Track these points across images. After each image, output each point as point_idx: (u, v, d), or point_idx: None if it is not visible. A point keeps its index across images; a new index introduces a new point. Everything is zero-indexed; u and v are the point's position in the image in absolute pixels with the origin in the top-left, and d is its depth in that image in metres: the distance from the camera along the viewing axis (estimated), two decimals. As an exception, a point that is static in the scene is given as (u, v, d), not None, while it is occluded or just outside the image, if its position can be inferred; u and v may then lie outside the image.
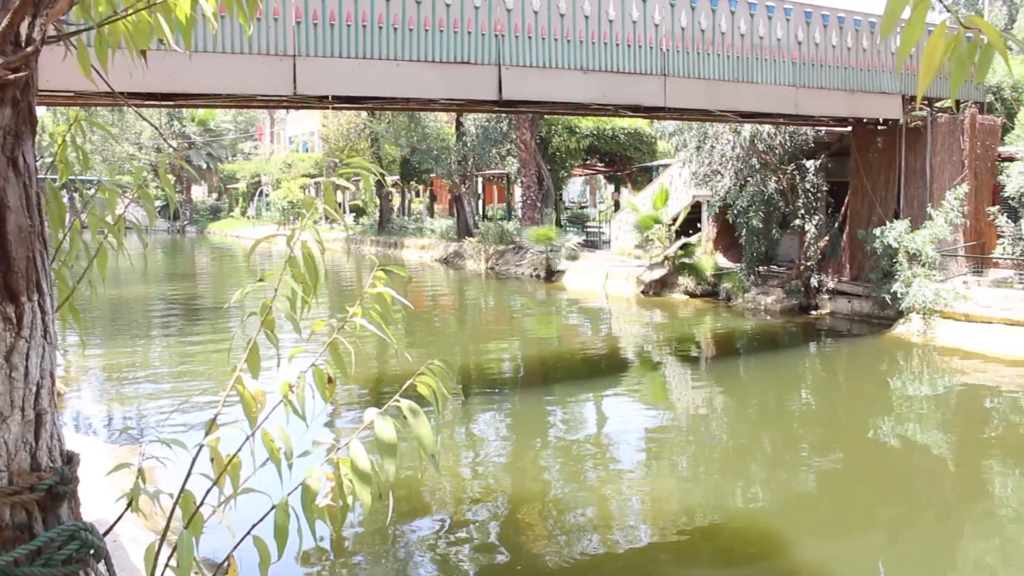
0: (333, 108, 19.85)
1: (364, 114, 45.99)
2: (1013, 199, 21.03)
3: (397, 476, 10.91)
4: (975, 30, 2.04)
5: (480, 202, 49.19)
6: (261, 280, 2.62)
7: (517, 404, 15.93)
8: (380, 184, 50.19)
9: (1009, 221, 21.06)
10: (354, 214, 60.64)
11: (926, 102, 22.25)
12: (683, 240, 27.58)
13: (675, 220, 28.64)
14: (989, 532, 10.22)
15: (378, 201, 53.86)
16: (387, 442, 2.21)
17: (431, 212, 54.69)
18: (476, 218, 43.39)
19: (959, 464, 12.78)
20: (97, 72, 2.59)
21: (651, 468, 12.22)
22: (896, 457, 13.01)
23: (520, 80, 15.99)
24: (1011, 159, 21.73)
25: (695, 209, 29.55)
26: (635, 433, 13.97)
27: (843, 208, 24.47)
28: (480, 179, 47.13)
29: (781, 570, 8.88)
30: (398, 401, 2.32)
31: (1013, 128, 23.04)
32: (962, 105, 23.06)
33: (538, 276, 33.50)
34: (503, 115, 36.58)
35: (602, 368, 19.12)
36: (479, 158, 41.10)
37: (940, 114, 22.52)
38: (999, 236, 21.28)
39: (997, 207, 21.68)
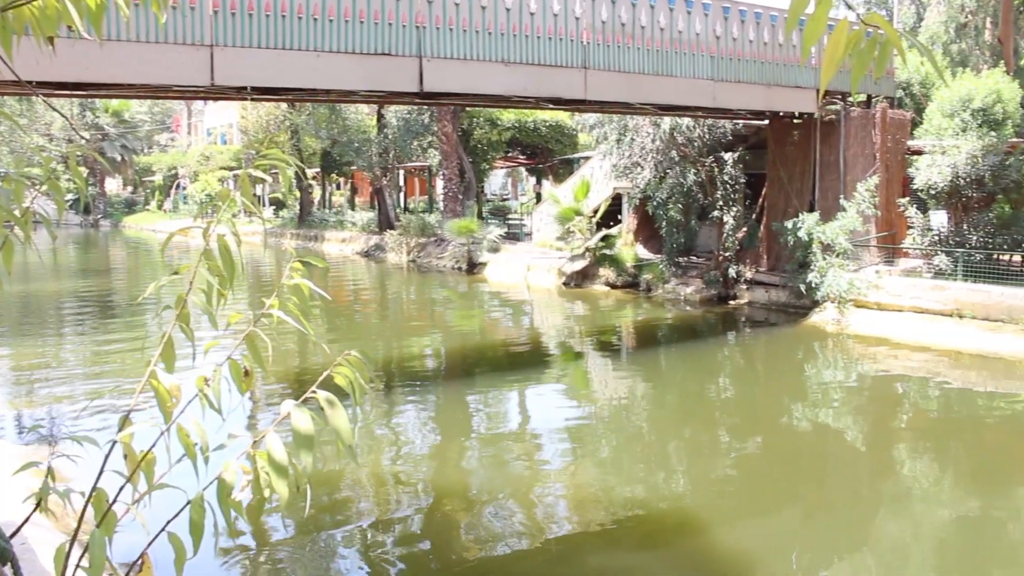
0: (252, 100, 19.59)
1: (284, 106, 45.38)
2: (922, 191, 21.65)
3: (322, 470, 10.87)
4: (875, 27, 2.10)
5: (402, 195, 48.95)
6: (176, 274, 2.58)
7: (440, 397, 15.92)
8: (300, 177, 49.72)
9: (918, 212, 21.68)
10: (274, 207, 59.85)
11: (839, 96, 22.78)
12: (604, 232, 27.82)
13: (596, 212, 28.87)
14: (900, 512, 10.53)
15: (298, 194, 53.19)
16: (304, 434, 2.19)
17: (352, 205, 54.22)
18: (397, 211, 43.15)
19: (871, 447, 13.16)
20: (1, 59, 2.52)
21: (574, 457, 12.33)
22: (811, 441, 13.34)
23: (441, 72, 15.94)
24: (919, 152, 22.34)
25: (616, 201, 29.83)
26: (558, 423, 14.07)
27: (760, 200, 24.95)
28: (402, 171, 46.89)
29: (702, 552, 9.06)
30: (315, 392, 2.31)
31: (922, 123, 23.68)
32: (873, 100, 23.66)
33: (460, 268, 33.48)
34: (425, 107, 36.45)
35: (525, 360, 19.20)
36: (400, 150, 40.88)
37: (853, 108, 23.07)
38: (909, 227, 21.89)
39: (907, 199, 22.30)
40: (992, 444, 13.15)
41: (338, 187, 60.47)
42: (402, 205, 46.84)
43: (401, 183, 48.41)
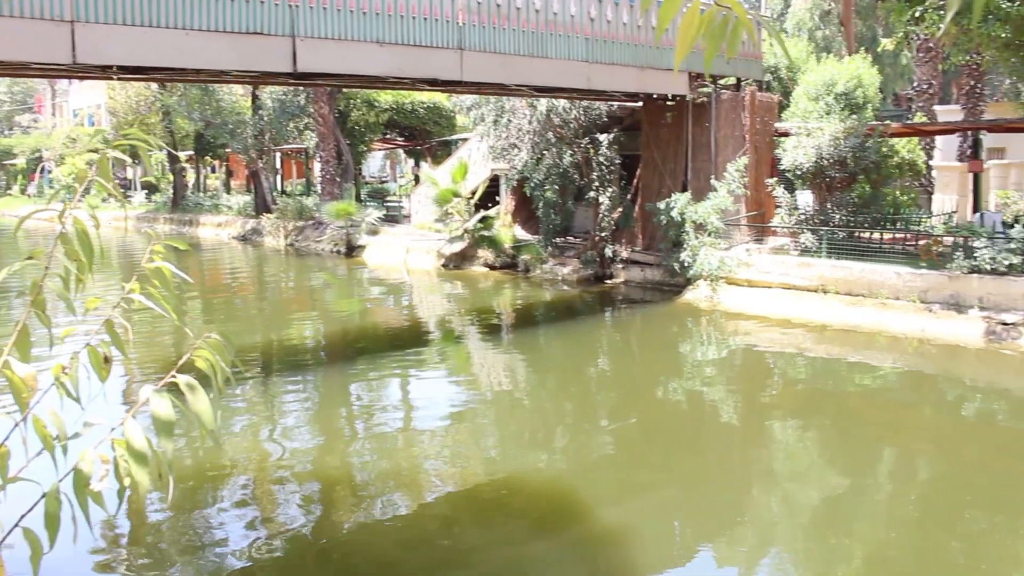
0: (118, 79, 18.89)
1: (155, 86, 43.84)
2: (789, 171, 22.37)
3: (198, 456, 10.63)
4: (727, 8, 2.17)
5: (278, 177, 47.94)
6: (30, 258, 2.49)
7: (321, 380, 15.77)
8: (173, 159, 48.23)
9: (786, 192, 22.40)
10: (146, 191, 57.93)
11: (710, 79, 23.30)
12: (482, 213, 27.88)
13: (474, 193, 28.89)
14: (773, 482, 10.95)
15: (171, 177, 51.60)
16: (163, 420, 2.14)
17: (228, 188, 52.88)
18: (274, 194, 42.31)
19: (744, 419, 13.61)
20: None
21: (455, 437, 12.38)
22: (687, 416, 13.71)
23: (315, 52, 15.67)
24: (786, 134, 23.06)
25: (494, 182, 29.91)
26: (439, 404, 14.10)
27: (635, 180, 25.37)
28: (278, 154, 45.94)
29: (582, 527, 9.23)
30: (175, 377, 2.26)
31: (789, 106, 24.44)
32: (743, 83, 24.29)
33: (339, 252, 33.10)
34: (300, 88, 35.79)
35: (405, 342, 19.15)
36: (276, 132, 40.07)
37: (723, 91, 23.65)
38: (777, 206, 22.59)
39: (775, 179, 23.01)
40: (856, 412, 13.75)
41: (213, 170, 58.86)
42: (279, 188, 45.93)
43: (278, 166, 47.41)
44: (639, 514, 9.61)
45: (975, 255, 17.37)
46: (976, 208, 22.08)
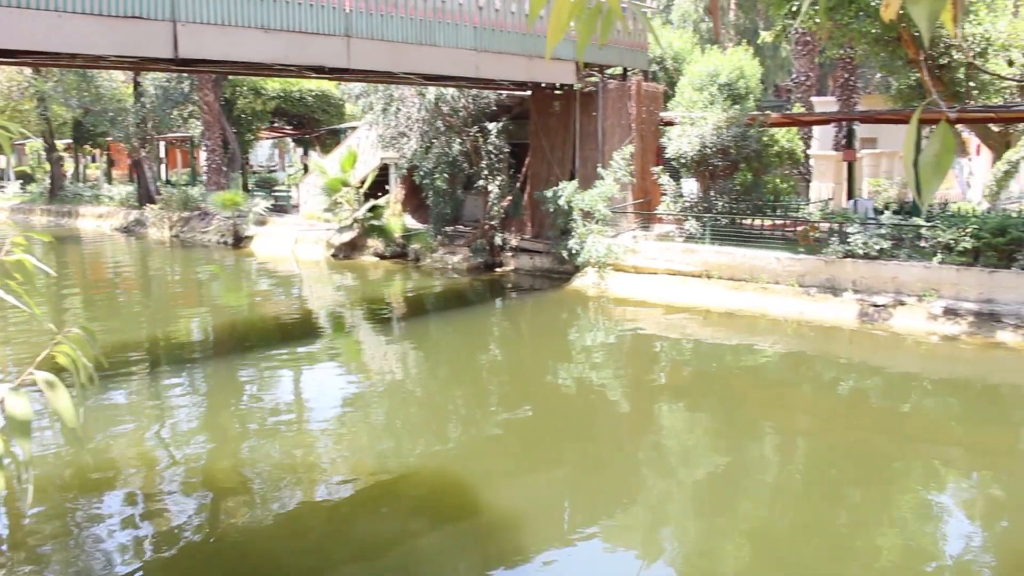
0: (-15, 64, 18.12)
1: (28, 70, 42.11)
2: (674, 160, 22.82)
3: (80, 457, 10.33)
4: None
5: (163, 167, 46.65)
6: None
7: (209, 376, 15.45)
8: (50, 147, 46.46)
9: (671, 180, 22.85)
10: (21, 181, 55.68)
11: (597, 69, 23.58)
12: (372, 202, 27.66)
13: (363, 182, 28.62)
14: (660, 462, 11.23)
15: (48, 167, 49.67)
16: (20, 420, 2.11)
17: (109, 178, 51.15)
18: (158, 184, 41.14)
19: (633, 402, 13.89)
20: None
21: (347, 430, 12.31)
22: (577, 401, 13.90)
23: (197, 38, 15.31)
24: (671, 123, 23.50)
25: (383, 171, 29.68)
26: (331, 396, 14.01)
27: (524, 169, 25.53)
28: (162, 143, 44.69)
29: (475, 514, 9.31)
30: (33, 374, 2.22)
31: (675, 95, 24.88)
32: (629, 73, 24.65)
33: (226, 243, 32.42)
34: (184, 75, 34.88)
35: (295, 333, 18.93)
36: (160, 120, 38.96)
37: (610, 81, 23.96)
38: (663, 194, 23.03)
39: (660, 167, 23.44)
40: (740, 393, 14.18)
41: (93, 159, 56.91)
42: (163, 178, 44.69)
43: (162, 155, 46.12)
44: (531, 499, 9.73)
45: (849, 240, 18.05)
46: (850, 195, 22.90)
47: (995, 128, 24.39)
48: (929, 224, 17.69)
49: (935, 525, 9.33)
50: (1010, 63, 22.60)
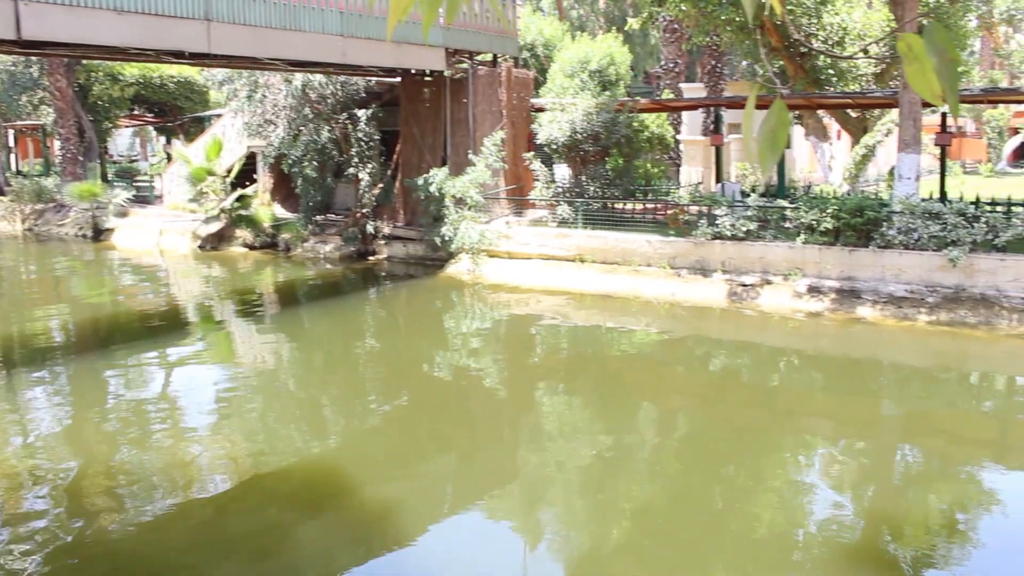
0: None
1: None
2: (545, 146, 22.86)
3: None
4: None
5: (12, 157, 44.38)
6: None
7: (73, 376, 14.65)
8: None
9: (543, 166, 22.88)
10: None
11: (467, 55, 23.41)
12: (239, 192, 26.86)
13: (230, 172, 27.76)
14: (541, 445, 11.21)
15: None
16: None
17: (-47, 169, 48.46)
18: (8, 174, 39.13)
19: (511, 388, 13.86)
20: None
21: (221, 425, 11.88)
22: (455, 388, 13.80)
23: (42, 18, 14.48)
24: (542, 109, 23.53)
25: (250, 160, 28.86)
26: (203, 392, 13.52)
27: (395, 156, 25.18)
28: (11, 131, 42.49)
29: (356, 506, 9.13)
30: None
31: (546, 82, 24.93)
32: (499, 59, 24.57)
33: (85, 236, 31.00)
34: (32, 59, 33.17)
35: (163, 330, 18.19)
36: (7, 107, 37.00)
37: (480, 67, 23.82)
38: (535, 179, 23.05)
39: (532, 153, 23.44)
40: (616, 375, 14.34)
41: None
42: (14, 168, 42.53)
43: (11, 143, 43.85)
44: (411, 486, 9.61)
45: (717, 223, 18.39)
46: (718, 179, 23.35)
47: (853, 114, 25.27)
48: (793, 206, 18.16)
49: (806, 494, 9.60)
50: (865, 52, 23.43)
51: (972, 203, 17.60)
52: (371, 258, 24.35)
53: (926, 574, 7.73)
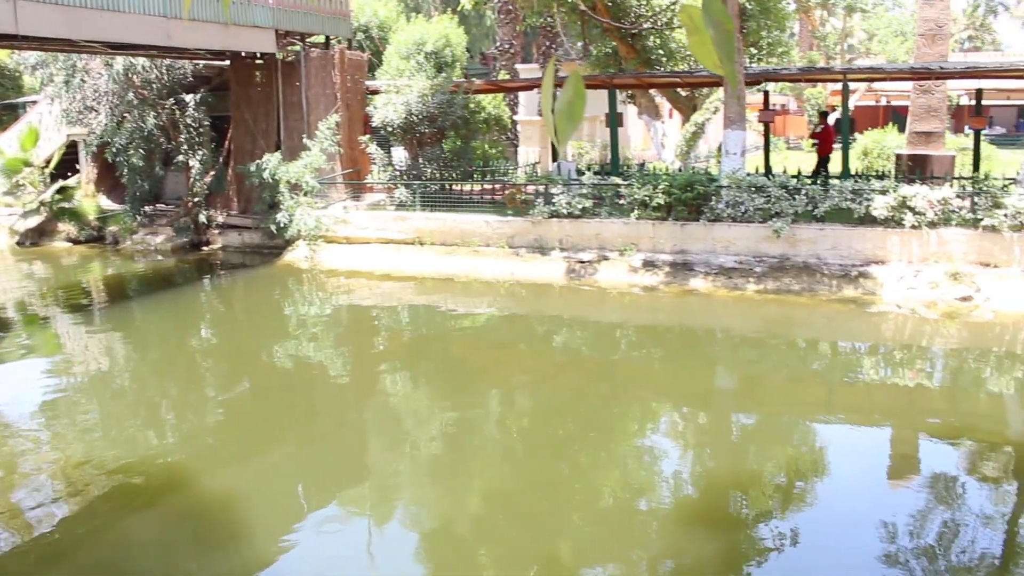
0: None
1: None
2: (381, 128, 22.59)
3: None
4: None
5: None
6: None
7: None
8: None
9: (379, 149, 22.60)
10: None
11: (299, 37, 22.87)
12: (60, 183, 25.49)
13: (49, 162, 26.36)
14: (388, 432, 11.13)
15: None
16: None
17: None
18: None
19: (354, 375, 13.68)
20: None
21: (53, 432, 11.27)
22: (297, 377, 13.49)
23: None
24: (377, 92, 23.24)
25: (72, 149, 27.44)
26: (29, 398, 12.69)
27: (227, 142, 24.40)
28: None
29: (196, 503, 8.86)
30: None
31: (382, 64, 24.61)
32: (332, 41, 24.09)
33: None
34: None
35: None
36: None
37: (313, 49, 23.30)
38: (372, 163, 22.76)
39: (369, 136, 23.12)
40: (460, 356, 14.36)
41: None
42: None
43: None
44: (254, 480, 9.41)
45: (554, 201, 18.57)
46: (555, 158, 23.60)
47: (683, 93, 25.96)
48: (626, 183, 18.52)
49: (650, 462, 9.88)
50: (655, 24, 24.01)
51: (794, 176, 18.35)
52: (205, 248, 23.54)
53: (763, 529, 7.99)
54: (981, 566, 7.23)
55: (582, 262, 17.87)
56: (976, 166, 21.67)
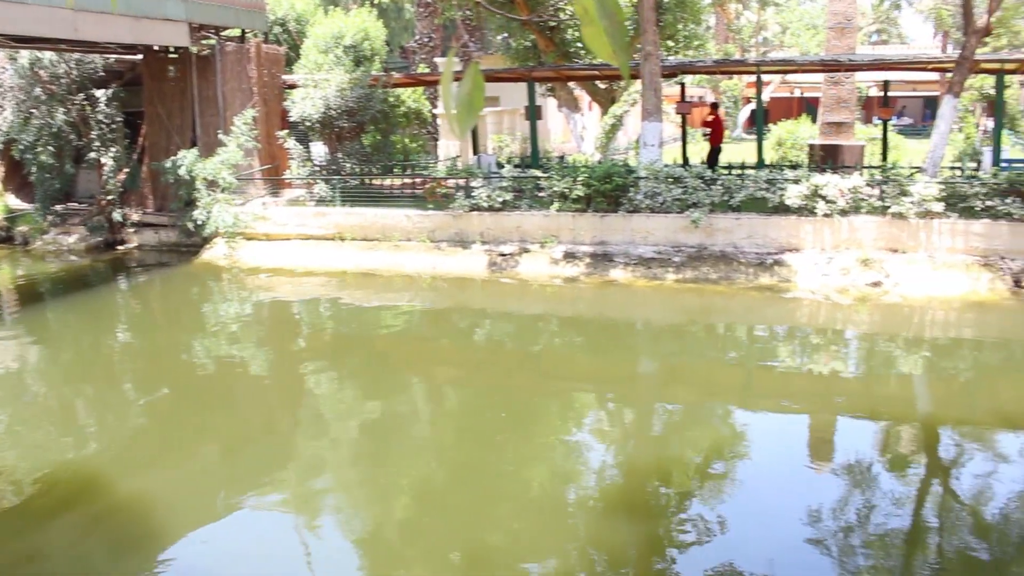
0: None
1: None
2: (300, 123, 22.35)
3: None
4: None
5: None
6: None
7: None
8: None
9: (298, 144, 22.35)
10: None
11: (213, 30, 22.49)
12: (-35, 183, 24.77)
13: (-48, 161, 25.56)
14: (313, 430, 11.01)
15: None
16: None
17: None
18: None
19: (278, 374, 13.53)
20: None
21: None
22: (219, 378, 13.29)
23: None
24: (295, 86, 22.98)
25: (-24, 147, 26.63)
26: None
27: (141, 138, 23.89)
28: None
29: (112, 503, 8.71)
30: None
31: (300, 58, 24.33)
32: (248, 35, 23.74)
33: None
34: None
35: None
36: None
37: (228, 43, 22.93)
38: (291, 158, 22.51)
39: (287, 131, 22.85)
40: (383, 352, 14.30)
41: None
42: None
43: None
44: (176, 481, 9.27)
45: (474, 195, 18.59)
46: (475, 151, 23.62)
47: (602, 85, 26.18)
48: (546, 175, 18.61)
49: (575, 452, 10.01)
50: (556, 11, 24.19)
51: (709, 167, 18.63)
52: (120, 247, 23.03)
53: (687, 513, 8.14)
54: (895, 543, 7.47)
55: (503, 255, 17.92)
56: (884, 155, 22.29)
